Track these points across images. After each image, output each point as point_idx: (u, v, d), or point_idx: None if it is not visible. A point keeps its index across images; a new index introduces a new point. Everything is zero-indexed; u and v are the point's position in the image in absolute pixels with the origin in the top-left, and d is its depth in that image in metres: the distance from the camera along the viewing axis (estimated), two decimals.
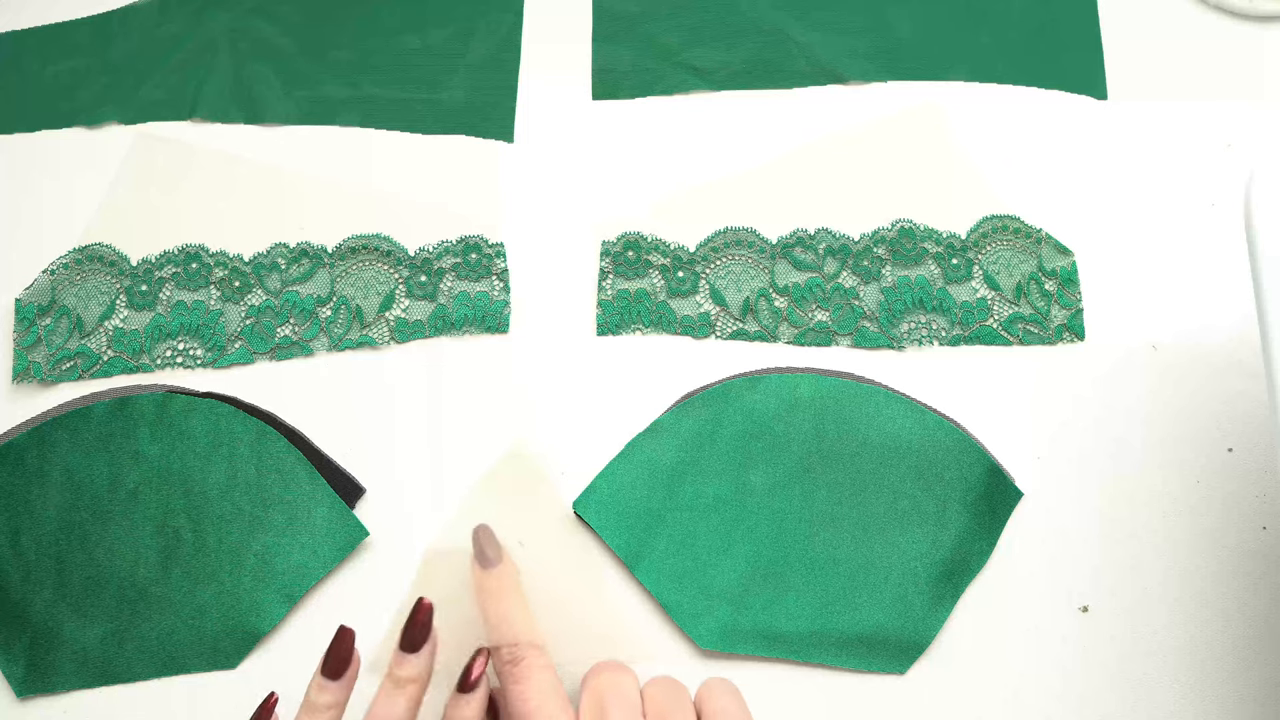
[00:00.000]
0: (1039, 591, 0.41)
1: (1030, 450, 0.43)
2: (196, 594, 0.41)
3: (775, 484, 0.42)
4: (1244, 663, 0.40)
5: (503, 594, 0.38)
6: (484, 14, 0.51)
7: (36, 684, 0.41)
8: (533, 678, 0.36)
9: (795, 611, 0.41)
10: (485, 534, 0.39)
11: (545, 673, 0.36)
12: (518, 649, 0.36)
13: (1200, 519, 0.42)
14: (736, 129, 0.48)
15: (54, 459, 0.42)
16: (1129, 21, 0.49)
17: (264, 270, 0.46)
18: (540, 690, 0.36)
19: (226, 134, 0.49)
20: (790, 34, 0.50)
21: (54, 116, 0.49)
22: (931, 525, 0.41)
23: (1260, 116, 0.48)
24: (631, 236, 0.46)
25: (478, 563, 0.38)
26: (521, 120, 0.49)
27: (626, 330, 0.45)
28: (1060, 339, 0.44)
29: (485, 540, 0.38)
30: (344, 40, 0.50)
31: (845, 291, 0.45)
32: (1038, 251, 0.45)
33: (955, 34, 0.49)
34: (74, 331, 0.45)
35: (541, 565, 0.42)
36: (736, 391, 0.43)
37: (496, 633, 0.37)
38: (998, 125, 0.48)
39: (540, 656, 0.37)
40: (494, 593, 0.38)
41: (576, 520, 0.42)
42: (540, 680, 0.36)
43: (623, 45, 0.50)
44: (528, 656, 0.36)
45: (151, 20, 0.51)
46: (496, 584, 0.38)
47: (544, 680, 0.36)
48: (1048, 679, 0.41)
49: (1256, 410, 0.43)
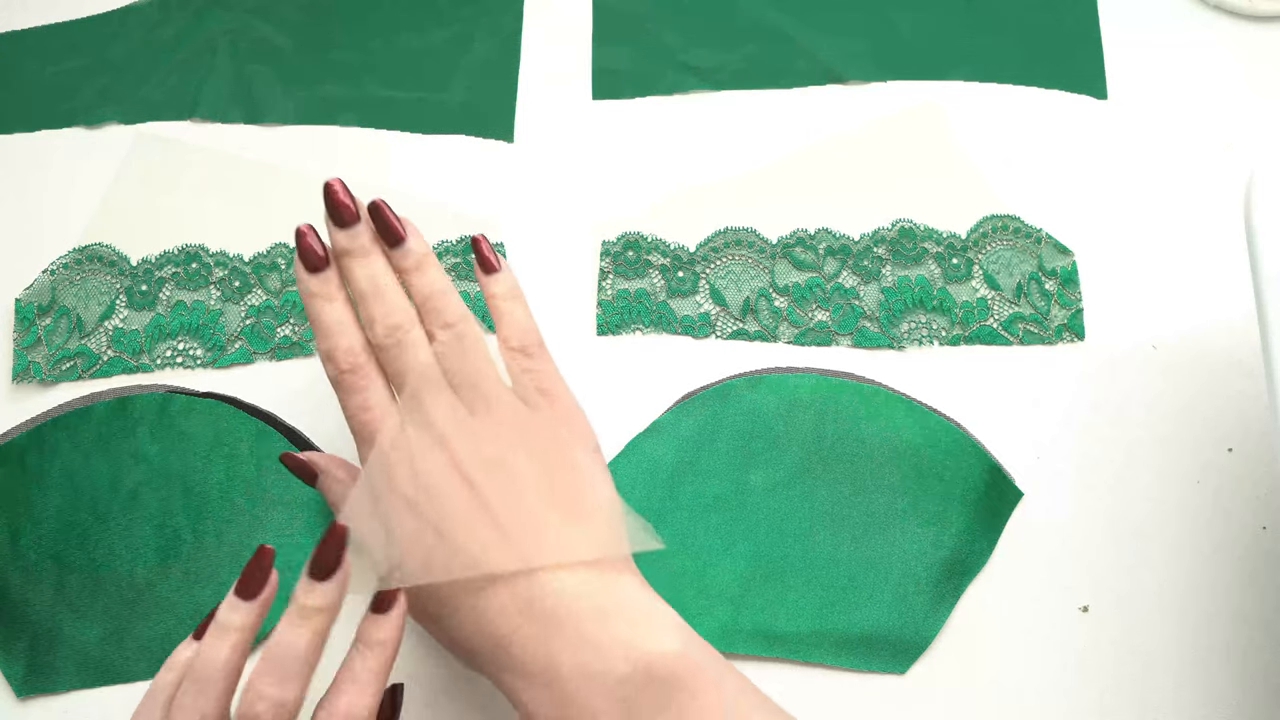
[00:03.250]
0: (1039, 591, 0.41)
1: (1030, 450, 0.43)
2: (196, 594, 0.41)
3: (775, 484, 0.42)
4: (1244, 663, 0.40)
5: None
6: (484, 14, 0.51)
7: (36, 684, 0.41)
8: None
9: (795, 611, 0.41)
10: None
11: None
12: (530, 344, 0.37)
13: (1200, 519, 0.42)
14: (736, 129, 0.48)
15: (54, 459, 0.42)
16: (1129, 21, 0.49)
17: (264, 270, 0.46)
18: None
19: (226, 134, 0.49)
20: (790, 34, 0.50)
21: (54, 116, 0.49)
22: (931, 525, 0.41)
23: (1260, 116, 0.48)
24: (631, 236, 0.46)
25: (481, 269, 0.38)
26: (521, 120, 0.49)
27: (626, 330, 0.45)
28: (1060, 339, 0.44)
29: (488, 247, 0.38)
30: (344, 40, 0.50)
31: (845, 291, 0.45)
32: (1038, 251, 0.45)
33: (955, 34, 0.49)
34: (74, 331, 0.45)
35: None
36: (736, 391, 0.43)
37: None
38: (998, 125, 0.48)
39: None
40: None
41: None
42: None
43: (623, 45, 0.50)
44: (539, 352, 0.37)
45: (151, 20, 0.51)
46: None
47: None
48: (1048, 679, 0.41)
49: (1256, 410, 0.43)
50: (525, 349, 0.37)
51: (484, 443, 0.35)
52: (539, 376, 0.37)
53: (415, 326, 0.36)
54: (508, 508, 0.34)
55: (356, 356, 0.36)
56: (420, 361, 0.36)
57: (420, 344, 0.36)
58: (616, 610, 0.34)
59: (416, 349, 0.36)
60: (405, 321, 0.36)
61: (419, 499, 0.34)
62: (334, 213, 0.36)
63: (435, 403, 0.35)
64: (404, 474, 0.35)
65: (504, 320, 0.37)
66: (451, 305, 0.36)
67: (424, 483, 0.34)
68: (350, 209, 0.36)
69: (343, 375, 0.36)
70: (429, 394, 0.35)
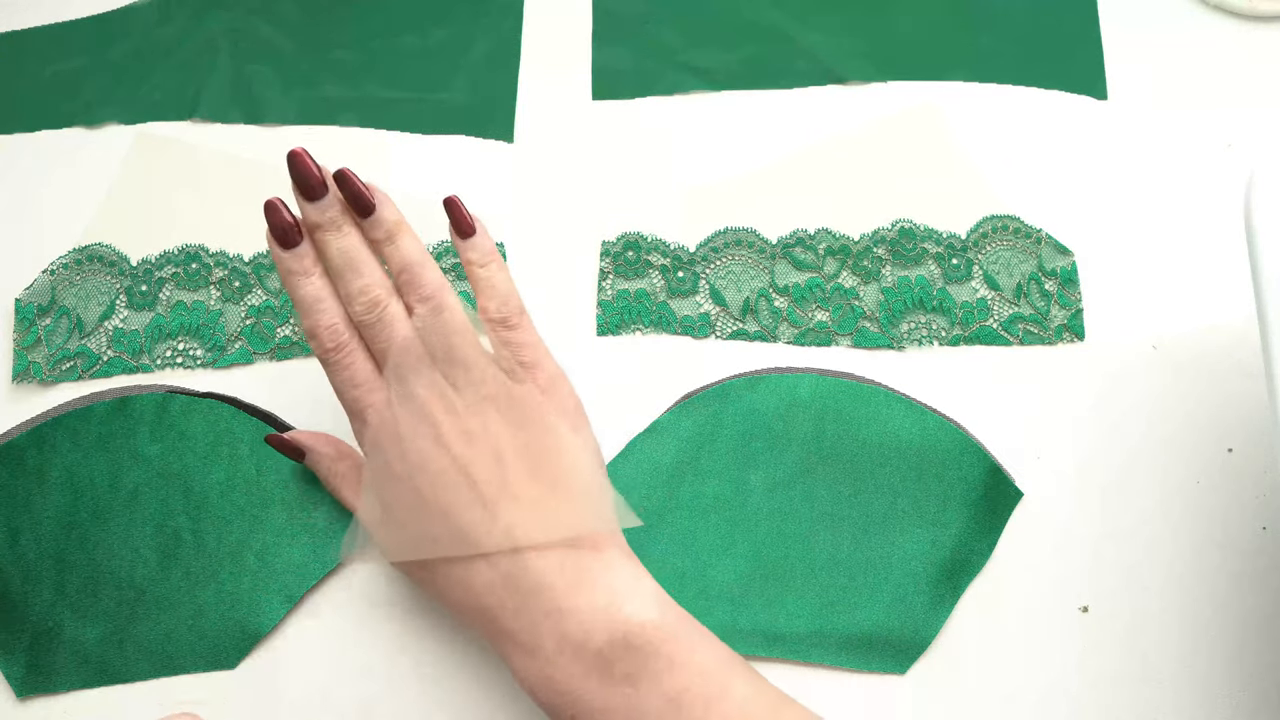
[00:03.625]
0: (1039, 591, 0.41)
1: (1030, 450, 0.43)
2: (196, 594, 0.41)
3: (775, 484, 0.42)
4: (1244, 663, 0.40)
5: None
6: (484, 14, 0.51)
7: (36, 684, 0.41)
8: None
9: (795, 611, 0.41)
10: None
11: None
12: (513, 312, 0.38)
13: (1200, 519, 0.42)
14: (736, 129, 0.48)
15: (54, 459, 0.42)
16: (1129, 22, 0.49)
17: (264, 270, 0.46)
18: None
19: (226, 134, 0.49)
20: (790, 34, 0.50)
21: (54, 116, 0.49)
22: (931, 525, 0.41)
23: (1260, 117, 0.48)
24: (631, 236, 0.46)
25: (456, 233, 0.38)
26: (521, 120, 0.49)
27: (626, 330, 0.45)
28: (1060, 339, 0.44)
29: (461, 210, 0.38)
30: (344, 40, 0.50)
31: (845, 291, 0.45)
32: (1038, 251, 0.45)
33: (955, 34, 0.49)
34: (74, 331, 0.45)
35: None
36: (736, 391, 0.43)
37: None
38: (998, 125, 0.48)
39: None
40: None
41: None
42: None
43: (623, 45, 0.50)
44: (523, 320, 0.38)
45: (151, 20, 0.51)
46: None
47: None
48: (1048, 679, 0.41)
49: (1256, 410, 0.43)
50: (506, 320, 0.37)
51: (466, 416, 0.35)
52: (520, 348, 0.37)
53: (393, 300, 0.36)
54: (490, 482, 0.35)
55: (339, 334, 0.36)
56: (400, 336, 0.36)
57: (399, 318, 0.36)
58: (596, 582, 0.35)
59: (395, 324, 0.36)
60: (383, 296, 0.36)
61: (407, 475, 0.35)
62: (300, 184, 0.36)
63: (417, 378, 0.36)
64: (393, 451, 0.35)
65: (482, 289, 0.37)
66: (427, 276, 0.36)
67: (411, 459, 0.35)
68: (317, 179, 0.36)
69: (327, 354, 0.36)
70: (411, 369, 0.36)
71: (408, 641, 0.41)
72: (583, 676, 0.33)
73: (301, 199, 0.36)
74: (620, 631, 0.34)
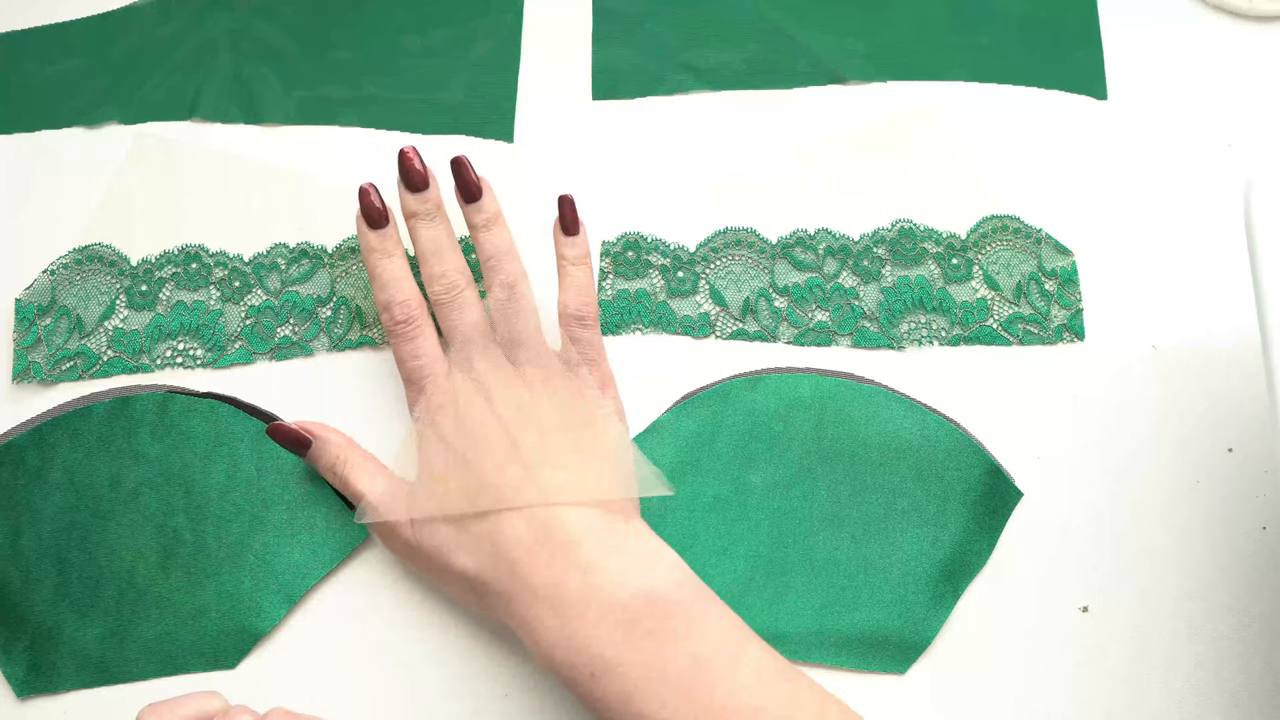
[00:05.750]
0: (1039, 591, 0.42)
1: (1030, 450, 0.43)
2: (196, 594, 0.41)
3: (775, 484, 0.42)
4: (1244, 663, 0.41)
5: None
6: (484, 14, 0.51)
7: (36, 684, 0.41)
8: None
9: (795, 611, 0.41)
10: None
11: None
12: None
13: (1200, 519, 0.42)
14: (736, 129, 0.48)
15: (54, 459, 0.42)
16: (1129, 21, 0.49)
17: (264, 270, 0.46)
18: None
19: (226, 134, 0.49)
20: (790, 34, 0.50)
21: (54, 116, 0.49)
22: (931, 525, 0.41)
23: (1260, 117, 0.48)
24: (631, 236, 0.46)
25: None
26: (521, 120, 0.49)
27: (626, 330, 0.45)
28: (1060, 339, 0.44)
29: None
30: (344, 40, 0.50)
31: (845, 291, 0.45)
32: (1037, 251, 0.45)
33: (955, 34, 0.49)
34: (74, 331, 0.45)
35: None
36: (736, 392, 0.43)
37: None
38: (998, 125, 0.48)
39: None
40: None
41: None
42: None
43: (623, 45, 0.50)
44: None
45: (151, 20, 0.51)
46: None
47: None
48: (1048, 679, 0.41)
49: (1256, 410, 0.43)
50: (583, 318, 0.41)
51: (519, 391, 0.39)
52: (587, 346, 0.41)
53: (470, 286, 0.41)
54: (533, 449, 0.38)
55: (411, 309, 0.41)
56: (472, 317, 0.40)
57: (473, 303, 0.41)
58: (623, 545, 0.37)
59: (468, 307, 0.41)
60: (461, 281, 0.41)
61: (459, 438, 0.39)
62: (407, 178, 0.41)
63: (482, 355, 0.40)
64: (449, 415, 0.39)
65: (569, 284, 0.42)
66: (512, 265, 0.41)
67: (466, 424, 0.39)
68: (423, 174, 0.41)
69: (398, 325, 0.41)
70: (477, 348, 0.40)
71: (408, 641, 0.41)
72: (609, 631, 0.35)
73: (405, 190, 0.41)
74: (643, 589, 0.36)
